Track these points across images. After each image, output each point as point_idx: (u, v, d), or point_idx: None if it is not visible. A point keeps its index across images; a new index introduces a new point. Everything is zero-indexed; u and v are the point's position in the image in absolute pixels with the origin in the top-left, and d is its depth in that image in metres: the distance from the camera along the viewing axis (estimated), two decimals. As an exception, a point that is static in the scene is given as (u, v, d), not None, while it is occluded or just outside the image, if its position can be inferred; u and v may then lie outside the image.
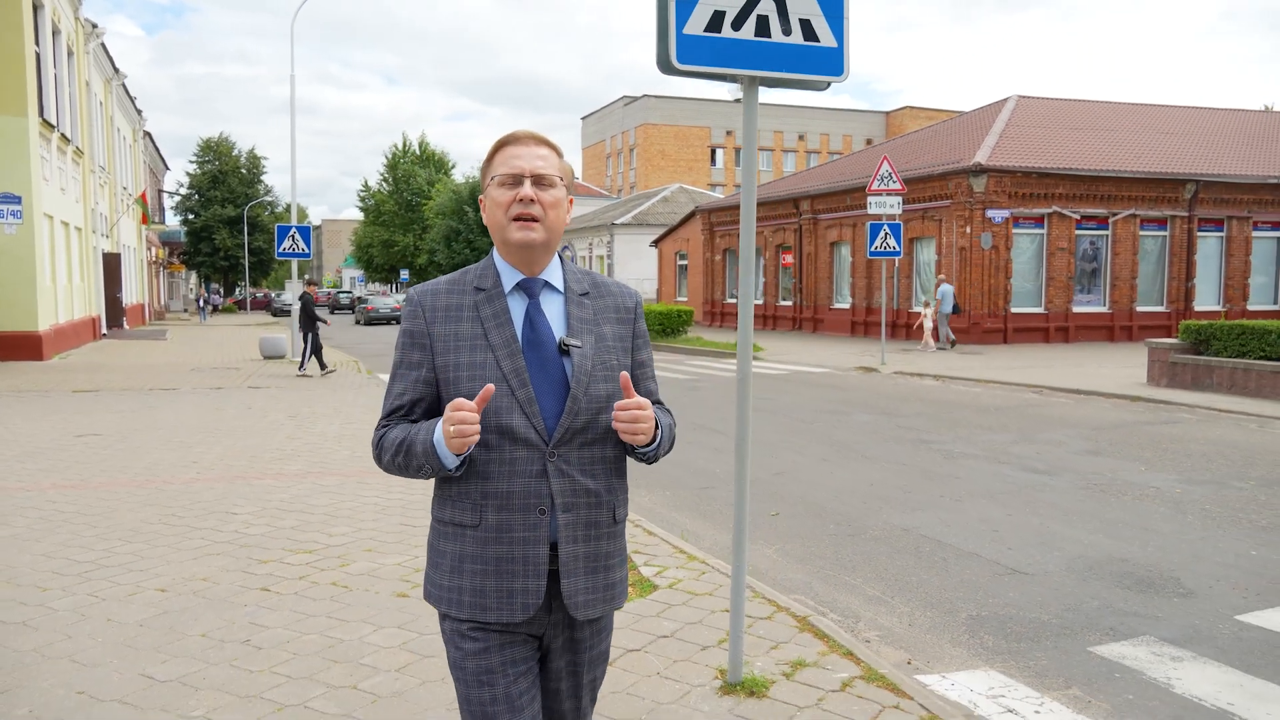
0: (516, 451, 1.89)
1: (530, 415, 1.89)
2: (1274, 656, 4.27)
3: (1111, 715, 3.72)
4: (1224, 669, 4.15)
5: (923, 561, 5.75)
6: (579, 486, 1.93)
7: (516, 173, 1.94)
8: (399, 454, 1.91)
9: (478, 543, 1.91)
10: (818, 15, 3.43)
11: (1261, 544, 6.07)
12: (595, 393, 1.94)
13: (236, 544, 5.62)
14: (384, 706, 3.43)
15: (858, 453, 9.37)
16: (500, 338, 1.93)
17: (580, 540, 1.94)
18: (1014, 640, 4.50)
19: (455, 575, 1.93)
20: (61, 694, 3.52)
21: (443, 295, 1.99)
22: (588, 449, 1.95)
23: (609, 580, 2.00)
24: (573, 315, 1.99)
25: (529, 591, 1.90)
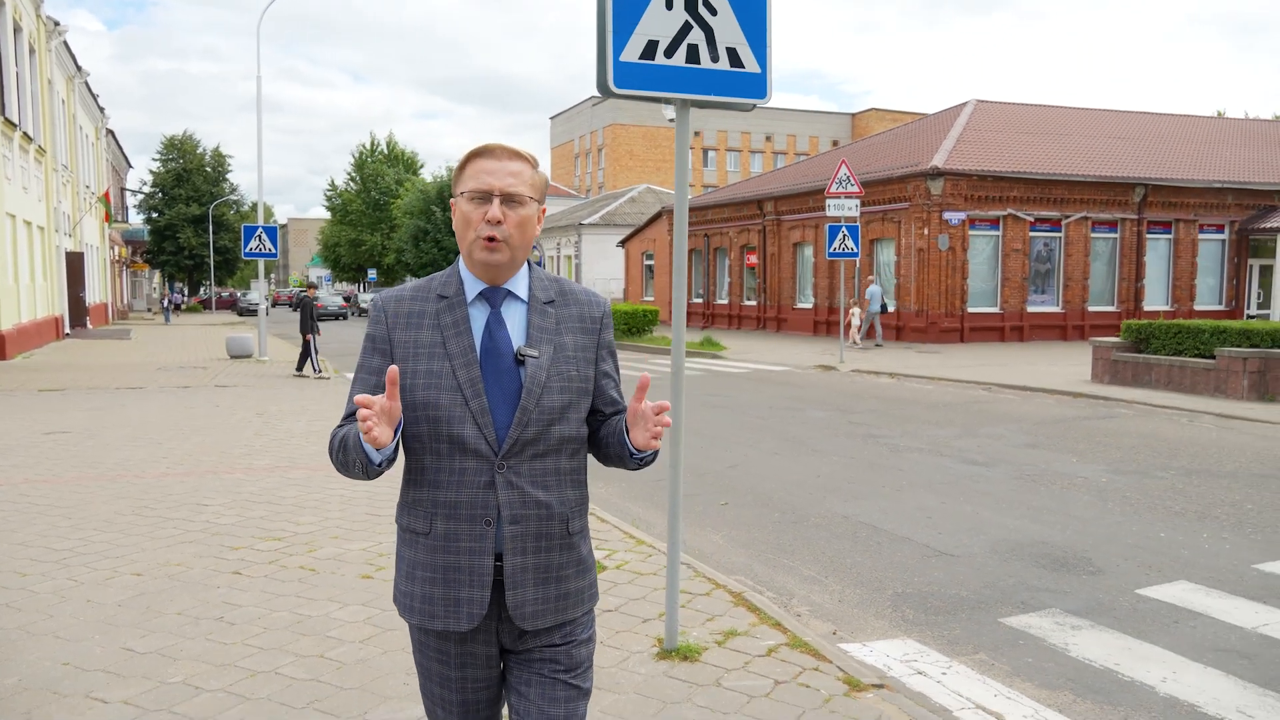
0: (466, 461, 1.90)
1: (482, 426, 1.89)
2: (1163, 623, 4.71)
3: (1010, 675, 4.12)
4: (1117, 635, 4.58)
5: (858, 545, 6.15)
6: (529, 498, 1.92)
7: (486, 189, 1.93)
8: (341, 450, 1.93)
9: (428, 550, 1.93)
10: (743, 44, 3.79)
11: (1171, 527, 6.55)
12: (548, 404, 1.93)
13: (208, 533, 5.90)
14: (348, 671, 3.76)
15: (808, 447, 9.78)
16: (458, 346, 1.93)
17: (529, 552, 1.92)
18: (933, 614, 4.91)
19: (409, 581, 1.96)
20: (48, 665, 3.81)
21: (406, 301, 1.99)
22: (540, 460, 1.94)
23: (561, 590, 1.98)
24: (533, 324, 1.98)
25: (474, 601, 1.90)
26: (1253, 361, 12.70)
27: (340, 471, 1.97)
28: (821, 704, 3.59)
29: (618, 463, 2.07)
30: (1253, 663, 4.25)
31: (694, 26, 3.71)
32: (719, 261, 34.57)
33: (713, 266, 34.79)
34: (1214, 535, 6.36)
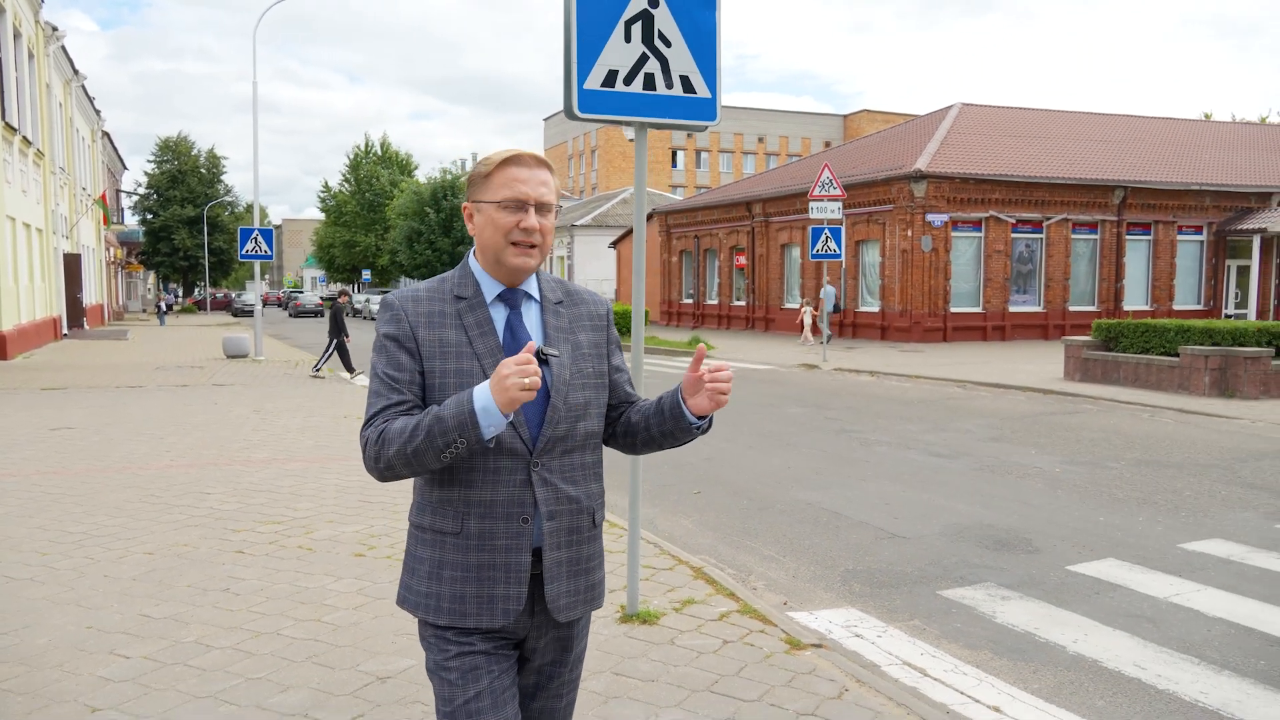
0: (501, 460, 1.92)
1: (516, 425, 1.92)
2: (1085, 594, 5.18)
3: (939, 638, 4.59)
4: (1042, 604, 5.04)
5: (818, 529, 6.62)
6: (561, 494, 1.97)
7: (522, 199, 1.96)
8: (414, 437, 1.84)
9: (459, 550, 1.94)
10: (695, 72, 4.25)
11: (1111, 512, 7.02)
12: (574, 400, 1.99)
13: (212, 518, 6.34)
14: (342, 632, 4.21)
15: (783, 441, 10.25)
16: (485, 346, 1.96)
17: (563, 546, 1.98)
18: (877, 587, 5.37)
19: (433, 581, 1.96)
20: (73, 629, 4.25)
21: (424, 302, 2.00)
22: (568, 456, 1.99)
23: (590, 582, 2.05)
24: (549, 324, 2.03)
25: (509, 598, 1.93)
26: (1214, 359, 13.19)
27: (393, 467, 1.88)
28: (763, 659, 4.05)
29: (661, 442, 2.10)
30: (1156, 626, 4.72)
31: (650, 57, 4.17)
32: (709, 262, 35.03)
33: (703, 267, 35.25)
34: (1149, 519, 6.83)
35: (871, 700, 3.69)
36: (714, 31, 4.26)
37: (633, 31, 4.13)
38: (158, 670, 3.80)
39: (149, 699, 3.54)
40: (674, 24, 4.19)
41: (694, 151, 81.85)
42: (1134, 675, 4.13)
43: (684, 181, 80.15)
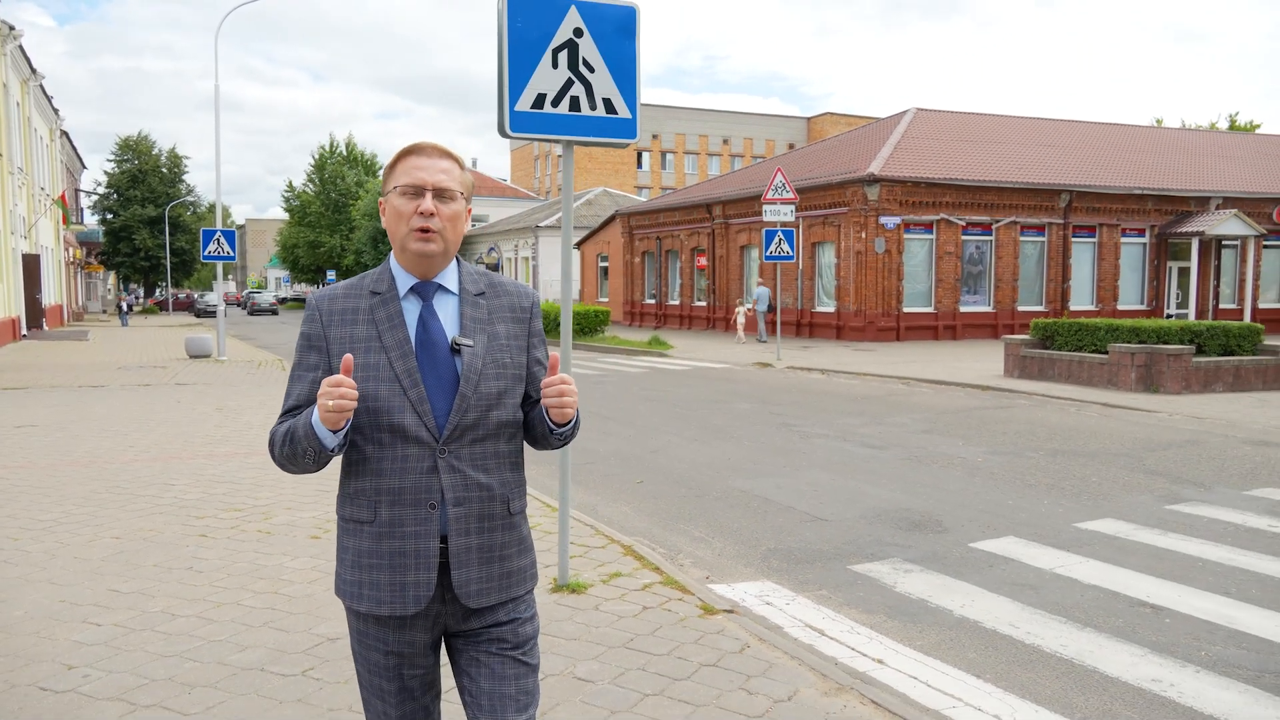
0: (408, 449, 1.97)
1: (421, 414, 1.97)
2: (979, 567, 5.72)
3: (841, 605, 5.09)
4: (939, 576, 5.57)
5: (747, 513, 7.11)
6: (470, 481, 2.00)
7: (419, 184, 2.01)
8: (286, 443, 1.99)
9: (373, 538, 2.00)
10: (616, 95, 4.72)
11: (1020, 496, 7.59)
12: (486, 390, 2.02)
13: (176, 506, 6.71)
14: (297, 602, 4.63)
15: (726, 434, 10.76)
16: (393, 339, 2.00)
17: (472, 533, 2.01)
18: (794, 563, 5.87)
19: (355, 569, 2.02)
20: (47, 602, 4.63)
21: (340, 299, 2.07)
22: (479, 445, 2.03)
23: (505, 569, 2.07)
24: (466, 315, 2.06)
25: (419, 584, 1.97)
26: (1139, 356, 13.91)
27: (285, 465, 2.03)
28: (677, 622, 4.53)
29: (544, 443, 2.17)
30: (1037, 592, 5.26)
31: (576, 82, 4.64)
32: (670, 263, 35.56)
33: (665, 268, 35.77)
34: (1053, 502, 7.41)
35: (769, 654, 4.17)
36: (634, 59, 4.74)
37: (559, 58, 4.60)
38: (127, 635, 4.20)
39: (120, 658, 3.94)
40: (597, 52, 4.66)
41: (659, 153, 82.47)
42: (1007, 633, 4.66)
43: (649, 182, 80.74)
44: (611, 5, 4.69)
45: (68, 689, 3.65)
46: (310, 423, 1.91)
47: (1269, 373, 14.33)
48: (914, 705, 3.78)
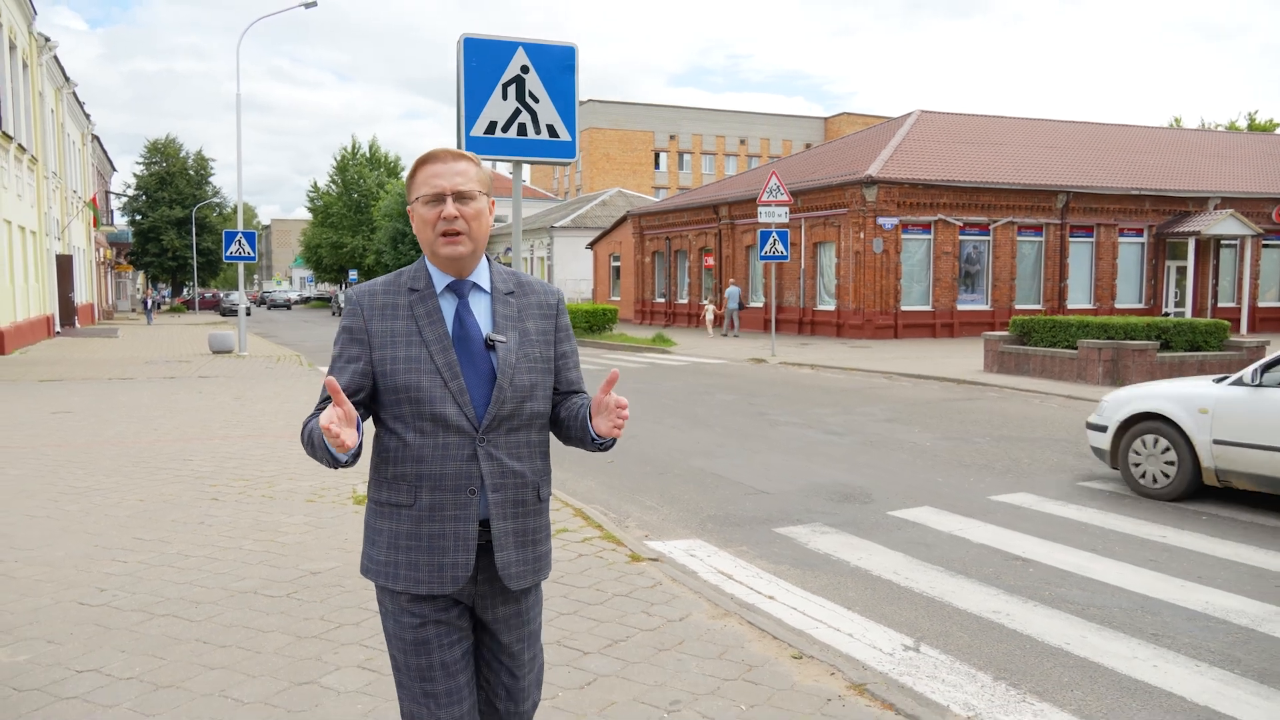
0: (449, 437, 2.09)
1: (462, 405, 2.09)
2: (888, 530, 6.52)
3: (755, 558, 5.92)
4: (850, 536, 6.37)
5: (698, 487, 7.95)
6: (506, 469, 2.13)
7: (438, 191, 2.12)
8: (307, 443, 2.12)
9: (413, 521, 2.10)
10: (558, 121, 5.58)
11: (950, 474, 8.38)
12: (520, 383, 2.15)
13: (192, 477, 7.65)
14: (289, 548, 5.53)
15: (702, 423, 11.59)
16: (433, 334, 2.12)
17: (509, 517, 2.14)
18: (727, 527, 6.70)
19: (391, 551, 2.13)
20: (83, 547, 5.56)
21: (379, 295, 2.17)
22: (514, 434, 2.15)
23: (537, 553, 2.21)
24: (498, 313, 2.18)
25: (458, 565, 2.10)
26: (1106, 351, 14.59)
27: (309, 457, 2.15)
28: (604, 566, 5.38)
29: (578, 444, 2.26)
30: (930, 549, 6.06)
31: (523, 111, 5.50)
32: (679, 263, 36.38)
33: (674, 268, 36.60)
34: (978, 478, 8.19)
35: (675, 589, 5.02)
36: (573, 91, 5.60)
37: (509, 91, 5.47)
38: (148, 569, 5.12)
39: (141, 584, 4.86)
40: (541, 85, 5.52)
41: (676, 153, 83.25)
42: (889, 579, 5.47)
43: (666, 183, 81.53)
44: (554, 46, 5.56)
45: (101, 604, 4.57)
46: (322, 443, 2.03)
47: (1234, 367, 14.92)
48: (783, 626, 4.61)
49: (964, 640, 4.51)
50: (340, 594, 4.75)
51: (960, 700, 3.84)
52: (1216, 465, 7.10)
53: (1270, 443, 6.74)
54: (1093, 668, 4.17)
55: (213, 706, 3.49)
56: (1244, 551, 5.93)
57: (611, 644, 4.23)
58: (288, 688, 3.66)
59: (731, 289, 29.10)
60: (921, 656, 4.31)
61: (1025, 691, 3.93)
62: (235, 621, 4.35)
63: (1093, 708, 3.78)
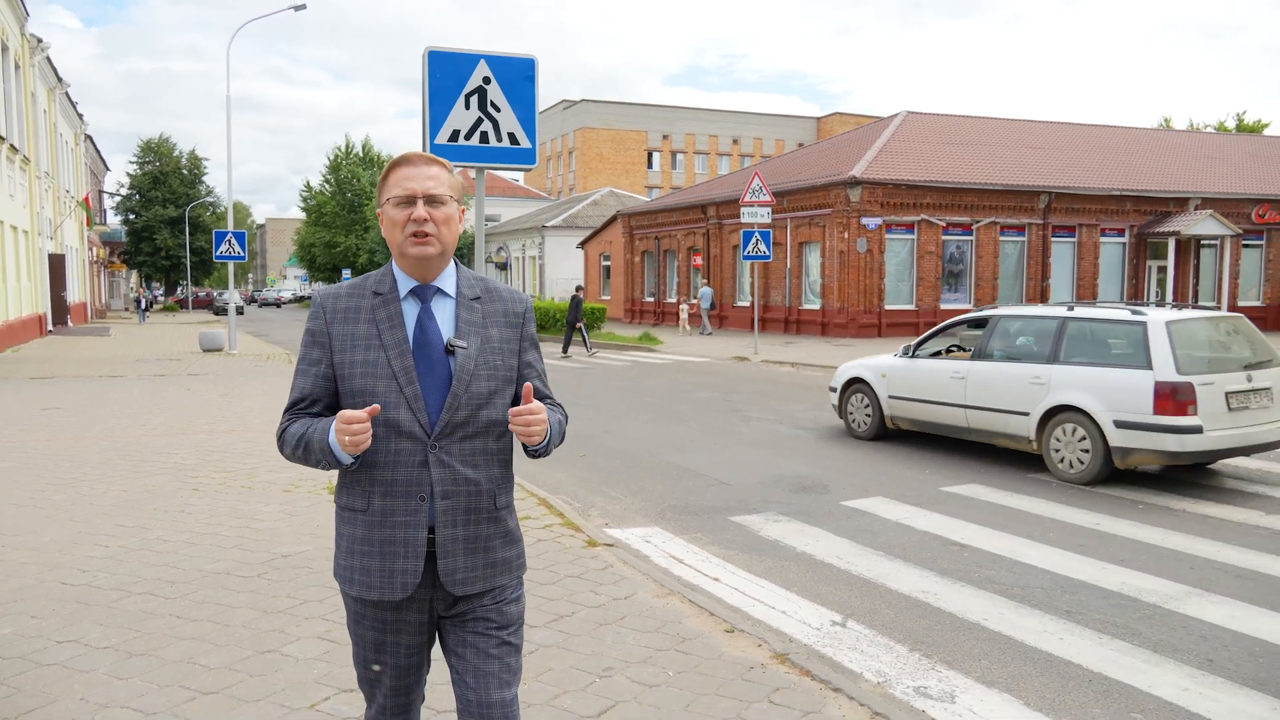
0: (401, 443, 2.09)
1: (415, 410, 2.09)
2: (838, 518, 6.84)
3: (707, 544, 6.23)
4: (800, 524, 6.69)
5: (664, 479, 8.26)
6: (459, 475, 2.12)
7: (409, 194, 2.13)
8: (299, 448, 2.13)
9: (366, 526, 2.14)
10: (519, 130, 5.90)
11: (910, 467, 8.70)
12: (477, 389, 2.14)
13: (175, 469, 7.95)
14: (263, 533, 5.84)
15: (677, 418, 11.91)
16: (392, 339, 2.12)
17: (459, 524, 2.13)
18: (685, 515, 7.01)
19: (349, 555, 2.17)
20: (67, 533, 5.86)
21: (343, 298, 2.19)
22: (469, 441, 2.14)
23: (490, 560, 2.19)
24: (461, 318, 2.18)
25: (407, 571, 2.11)
26: (1076, 349, 14.91)
27: (293, 461, 2.19)
28: (561, 550, 5.69)
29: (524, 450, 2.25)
30: (875, 536, 6.38)
31: (485, 120, 5.81)
32: (668, 262, 36.70)
33: (663, 267, 36.91)
34: (934, 471, 8.51)
35: (625, 572, 5.33)
36: (533, 100, 5.91)
37: (471, 101, 5.78)
38: (128, 552, 5.42)
39: (121, 566, 5.16)
40: (502, 95, 5.84)
41: (669, 153, 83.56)
42: (831, 562, 5.79)
43: (659, 183, 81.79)
44: (515, 58, 5.87)
45: (82, 584, 4.87)
46: (327, 443, 2.07)
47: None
48: (721, 604, 4.93)
49: (889, 617, 4.83)
50: (307, 574, 5.06)
51: (874, 668, 4.16)
52: (891, 413, 9.93)
53: (917, 397, 9.59)
54: (1004, 640, 4.50)
55: (181, 671, 3.80)
56: (1171, 537, 6.26)
57: (557, 619, 4.54)
58: (251, 655, 3.97)
59: (704, 290, 30.32)
60: (847, 631, 4.63)
61: (936, 661, 4.25)
62: (207, 599, 4.66)
63: (994, 674, 4.11)
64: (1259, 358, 8.09)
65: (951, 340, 10.08)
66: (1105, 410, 7.75)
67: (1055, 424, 8.17)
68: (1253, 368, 7.92)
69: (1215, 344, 8.21)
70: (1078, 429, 7.98)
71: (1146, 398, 7.52)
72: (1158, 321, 7.81)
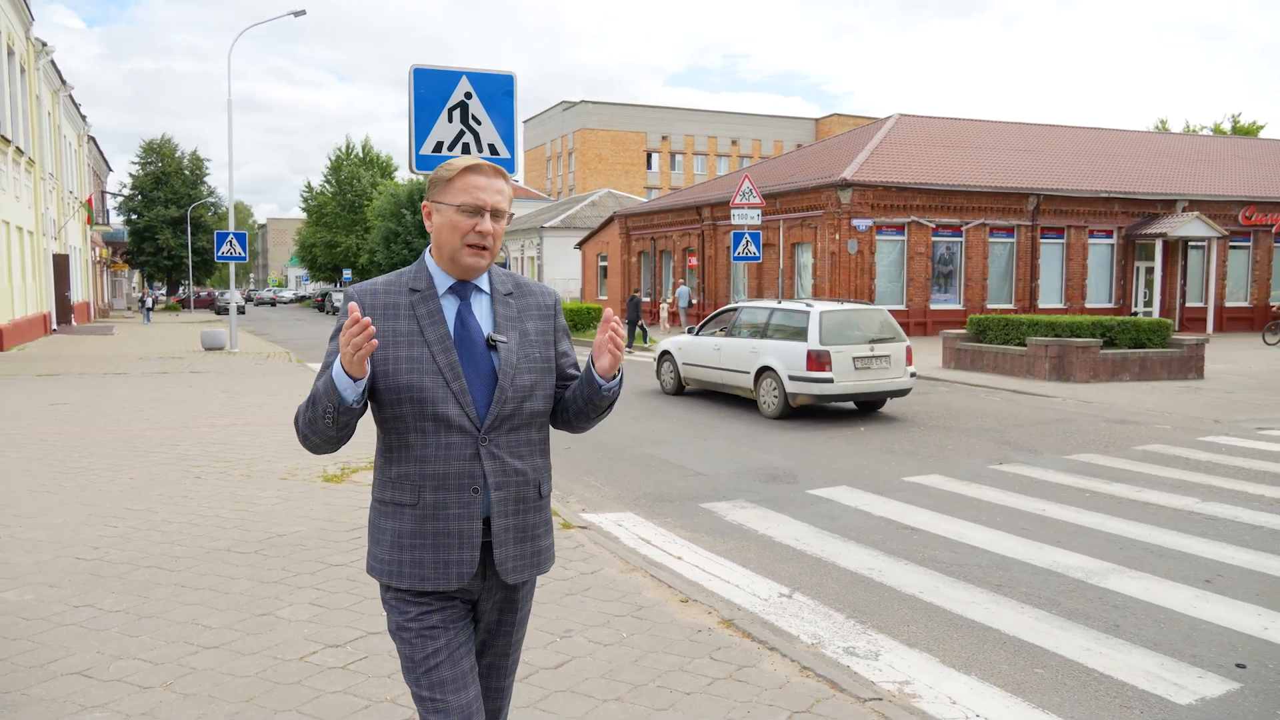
0: (452, 437, 2.13)
1: (464, 405, 2.13)
2: (802, 505, 7.27)
3: (676, 527, 6.67)
4: (766, 510, 7.13)
5: (643, 470, 8.70)
6: (508, 467, 2.18)
7: (479, 205, 2.17)
8: (308, 408, 2.12)
9: (416, 520, 2.15)
10: (499, 141, 6.33)
11: (876, 459, 9.14)
12: (520, 383, 2.19)
13: (179, 458, 8.40)
14: (261, 516, 6.28)
15: (659, 414, 12.34)
16: (435, 334, 2.15)
17: (510, 514, 2.19)
18: (659, 502, 7.45)
19: (395, 549, 2.17)
20: (79, 515, 6.31)
21: (381, 295, 2.20)
22: (515, 433, 2.20)
23: (536, 548, 2.27)
24: (499, 314, 2.23)
25: (464, 562, 2.15)
26: (1052, 348, 15.37)
27: (307, 436, 2.15)
28: (538, 531, 6.13)
29: (589, 408, 2.30)
30: (834, 520, 6.81)
31: (467, 132, 6.25)
32: (664, 263, 37.15)
33: (659, 268, 37.36)
34: (900, 462, 8.95)
35: (595, 550, 5.76)
36: (512, 113, 6.35)
37: (454, 115, 6.21)
38: (135, 532, 5.87)
39: (129, 544, 5.61)
40: (483, 109, 6.27)
41: (668, 154, 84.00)
42: (788, 544, 6.22)
43: (659, 184, 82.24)
44: (495, 74, 6.31)
45: (94, 558, 5.32)
46: (332, 377, 2.05)
47: (1174, 363, 15.75)
48: (680, 578, 5.37)
49: (833, 590, 5.27)
50: (301, 552, 5.50)
51: (810, 632, 4.60)
52: (685, 375, 13.86)
53: (697, 363, 13.52)
54: (934, 610, 4.93)
55: (185, 630, 4.24)
56: (1109, 522, 6.69)
57: (527, 589, 4.98)
58: (248, 617, 4.41)
59: (681, 289, 31.79)
60: (792, 601, 5.07)
61: (868, 626, 4.69)
62: (209, 571, 5.11)
63: (918, 637, 4.55)
64: (883, 335, 11.82)
65: (720, 324, 13.67)
66: (785, 369, 11.61)
67: (761, 379, 12.02)
68: (876, 342, 11.67)
69: (852, 326, 11.76)
70: (772, 381, 11.79)
71: (803, 360, 11.37)
72: (815, 312, 11.67)
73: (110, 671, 3.81)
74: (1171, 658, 4.27)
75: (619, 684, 3.83)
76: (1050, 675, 4.11)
